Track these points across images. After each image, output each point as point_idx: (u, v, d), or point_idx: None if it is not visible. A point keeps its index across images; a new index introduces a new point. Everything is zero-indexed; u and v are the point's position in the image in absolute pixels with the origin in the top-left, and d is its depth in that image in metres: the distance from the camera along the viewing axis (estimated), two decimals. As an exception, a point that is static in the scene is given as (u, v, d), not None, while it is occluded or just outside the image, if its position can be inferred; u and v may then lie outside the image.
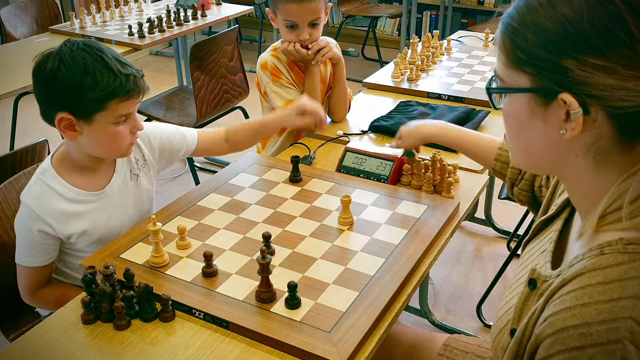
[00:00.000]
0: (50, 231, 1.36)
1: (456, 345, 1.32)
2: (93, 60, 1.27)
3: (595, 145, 0.76)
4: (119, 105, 1.30)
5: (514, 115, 0.82)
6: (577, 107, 0.73)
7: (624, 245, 0.72)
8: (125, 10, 3.47)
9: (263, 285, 1.13)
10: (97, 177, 1.44)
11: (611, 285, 0.70)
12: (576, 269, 0.75)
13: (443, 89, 2.12)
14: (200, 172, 3.40)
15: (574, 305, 0.71)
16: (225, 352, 1.05)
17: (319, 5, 1.75)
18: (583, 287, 0.72)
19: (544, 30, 0.74)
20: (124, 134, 1.35)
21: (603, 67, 0.70)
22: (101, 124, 1.31)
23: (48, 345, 1.07)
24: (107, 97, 1.28)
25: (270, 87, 1.85)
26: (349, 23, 5.40)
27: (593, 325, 0.69)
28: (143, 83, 1.34)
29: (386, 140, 1.78)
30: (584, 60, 0.71)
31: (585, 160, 0.78)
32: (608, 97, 0.71)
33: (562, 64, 0.72)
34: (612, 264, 0.72)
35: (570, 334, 0.70)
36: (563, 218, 0.95)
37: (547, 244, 0.94)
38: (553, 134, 0.78)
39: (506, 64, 0.80)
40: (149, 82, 1.41)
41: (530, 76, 0.76)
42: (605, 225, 0.77)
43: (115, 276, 1.14)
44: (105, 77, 1.27)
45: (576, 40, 0.71)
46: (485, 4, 5.09)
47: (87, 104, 1.28)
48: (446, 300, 2.43)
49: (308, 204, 1.46)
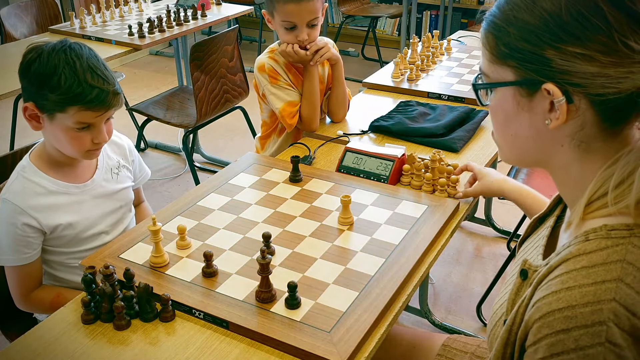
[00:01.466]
0: (34, 224, 1.37)
1: (455, 345, 1.32)
2: (65, 63, 1.30)
3: (580, 133, 0.78)
4: (78, 112, 1.32)
5: (500, 109, 0.84)
6: (560, 95, 0.75)
7: (607, 231, 0.74)
8: (125, 10, 3.47)
9: (263, 285, 1.13)
10: (78, 171, 1.47)
11: (595, 269, 0.72)
12: (562, 255, 0.76)
13: (443, 89, 2.12)
14: (200, 172, 3.40)
15: (559, 289, 0.73)
16: (225, 352, 1.05)
17: (317, 4, 1.75)
18: (568, 272, 0.73)
19: (525, 23, 0.76)
20: (84, 141, 1.37)
21: (583, 55, 0.73)
22: (61, 124, 1.34)
23: (48, 345, 1.07)
24: (66, 102, 1.31)
25: (269, 90, 1.84)
26: (349, 23, 5.40)
27: (577, 307, 0.70)
28: (111, 99, 1.34)
29: (386, 140, 1.78)
30: (564, 50, 0.74)
31: (571, 149, 0.80)
32: (589, 84, 0.73)
33: (543, 55, 0.75)
34: (596, 249, 0.73)
35: (556, 317, 0.71)
36: (555, 215, 0.97)
37: (540, 240, 0.95)
38: (539, 125, 0.80)
39: (490, 60, 0.82)
40: (149, 82, 1.42)
41: (513, 69, 0.79)
42: (591, 213, 0.78)
43: (115, 276, 1.14)
44: (69, 82, 1.29)
45: (556, 30, 0.74)
46: (486, 4, 5.09)
47: (48, 102, 1.32)
48: (446, 300, 2.43)
49: (308, 204, 1.46)
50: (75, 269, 1.47)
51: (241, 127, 3.58)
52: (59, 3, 3.95)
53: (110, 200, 1.51)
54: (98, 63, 1.34)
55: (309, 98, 1.83)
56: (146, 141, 3.73)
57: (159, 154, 3.72)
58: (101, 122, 1.37)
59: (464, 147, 1.74)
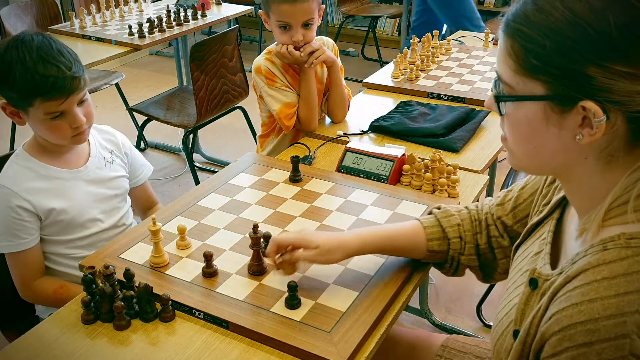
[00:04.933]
0: (29, 207, 1.38)
1: (455, 345, 1.32)
2: (17, 59, 1.30)
3: (609, 147, 0.75)
4: (42, 104, 1.33)
5: (525, 122, 0.79)
6: (601, 114, 0.71)
7: (626, 240, 0.73)
8: (125, 10, 3.46)
9: (254, 258, 1.20)
10: (70, 158, 1.48)
11: (617, 280, 0.70)
12: (580, 265, 0.75)
13: (443, 89, 2.12)
14: (200, 172, 3.40)
15: (581, 301, 0.71)
16: (225, 352, 1.05)
17: (312, 5, 1.74)
18: (589, 283, 0.72)
19: (565, 38, 0.71)
20: (62, 128, 1.38)
21: (629, 74, 0.69)
22: (35, 117, 1.36)
23: (48, 345, 1.07)
24: (26, 97, 1.32)
25: (266, 91, 1.84)
26: (349, 23, 5.40)
27: (600, 320, 0.69)
28: (70, 84, 1.32)
29: (386, 140, 1.78)
30: (610, 68, 0.70)
31: (594, 162, 0.78)
32: (630, 102, 0.70)
33: (584, 72, 0.71)
34: (616, 258, 0.72)
35: (578, 330, 0.70)
36: (555, 219, 0.95)
37: (541, 245, 0.94)
38: (567, 140, 0.76)
39: (516, 71, 0.77)
40: (149, 82, 1.43)
41: (545, 83, 0.74)
42: (607, 220, 0.77)
43: (115, 276, 1.14)
44: (22, 78, 1.29)
45: (603, 48, 0.70)
46: (485, 4, 5.09)
47: (14, 99, 1.34)
48: (446, 300, 2.43)
49: (308, 204, 1.46)
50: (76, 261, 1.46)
51: (241, 127, 3.58)
52: (59, 3, 3.95)
53: (104, 187, 1.52)
54: (51, 51, 1.32)
55: (306, 99, 1.83)
56: (146, 141, 3.73)
57: (159, 154, 3.72)
58: (72, 108, 1.36)
59: (464, 147, 1.74)
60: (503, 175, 2.33)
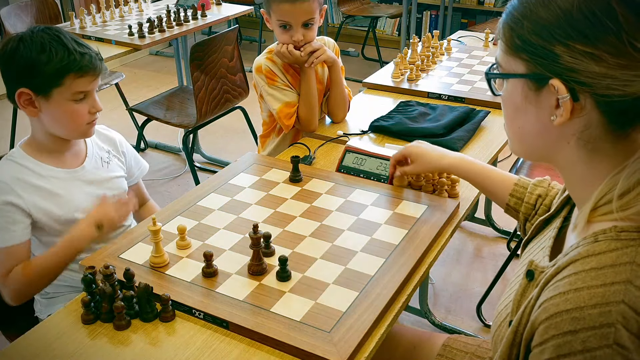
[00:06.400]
0: (19, 202, 1.37)
1: (456, 345, 1.32)
2: (50, 38, 1.36)
3: (585, 133, 0.78)
4: (74, 81, 1.36)
5: (510, 100, 0.85)
6: (565, 92, 0.76)
7: (617, 233, 0.74)
8: (125, 10, 3.47)
9: (254, 258, 1.20)
10: (67, 158, 1.49)
11: (604, 270, 0.71)
12: (570, 256, 0.76)
13: (443, 89, 2.12)
14: (200, 172, 3.40)
15: (567, 290, 0.72)
16: (225, 352, 1.05)
17: (313, 5, 1.74)
18: (577, 273, 0.73)
19: (540, 18, 0.77)
20: (82, 113, 1.41)
21: (591, 55, 0.73)
22: (59, 101, 1.37)
23: (48, 345, 1.07)
24: (62, 72, 1.35)
25: (266, 90, 1.84)
26: (349, 23, 5.39)
27: (586, 309, 0.70)
28: (99, 64, 1.42)
29: (386, 140, 1.78)
30: (573, 47, 0.74)
31: (577, 148, 0.80)
32: (595, 84, 0.73)
33: (553, 50, 0.75)
34: (605, 250, 0.73)
35: (564, 318, 0.71)
36: (562, 216, 0.96)
37: (546, 241, 0.95)
38: (545, 120, 0.80)
39: (505, 51, 0.83)
40: (149, 82, 1.44)
41: (525, 62, 0.80)
42: (599, 216, 0.78)
43: (115, 276, 1.14)
44: (60, 53, 1.35)
45: (566, 28, 0.74)
46: (485, 4, 5.09)
47: (43, 78, 1.35)
48: (446, 300, 2.43)
49: (308, 204, 1.46)
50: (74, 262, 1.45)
51: (241, 127, 3.59)
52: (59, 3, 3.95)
53: (102, 188, 1.52)
54: (74, 36, 1.41)
55: (306, 99, 1.83)
56: (146, 141, 3.73)
57: (159, 154, 3.72)
58: (94, 90, 1.43)
59: (464, 147, 1.74)
60: (503, 175, 2.33)
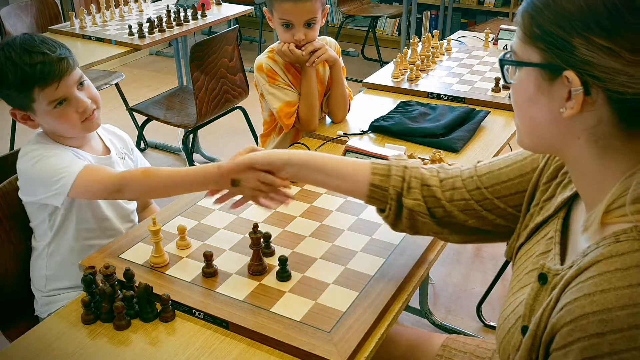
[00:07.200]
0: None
1: (455, 345, 1.32)
2: (4, 59, 1.32)
3: (596, 128, 0.77)
4: (41, 92, 1.33)
5: (522, 88, 0.84)
6: (578, 84, 0.75)
7: (638, 232, 0.73)
8: (125, 10, 3.46)
9: (254, 258, 1.20)
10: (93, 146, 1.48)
11: (629, 271, 0.70)
12: (592, 257, 0.75)
13: (443, 89, 2.12)
14: (200, 172, 3.39)
15: (593, 292, 0.71)
16: (225, 352, 1.05)
17: (315, 5, 1.74)
18: (601, 274, 0.72)
19: (561, 9, 0.76)
20: (70, 115, 1.37)
21: (609, 49, 0.72)
22: (42, 111, 1.36)
23: (48, 345, 1.07)
24: (24, 90, 1.32)
25: (267, 89, 1.84)
26: (349, 23, 5.39)
27: (613, 311, 0.69)
28: (58, 66, 1.33)
29: (386, 140, 1.78)
30: (592, 40, 0.73)
31: (588, 144, 0.79)
32: (609, 79, 0.73)
33: (571, 42, 0.74)
34: (629, 250, 0.72)
35: (590, 320, 0.70)
36: (561, 217, 0.95)
37: (547, 244, 0.93)
38: (556, 112, 0.80)
39: (521, 39, 0.82)
40: (149, 82, 1.42)
41: (541, 51, 0.79)
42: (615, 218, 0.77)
43: (115, 276, 1.14)
44: (12, 73, 1.31)
45: (588, 20, 0.73)
46: (485, 4, 5.09)
47: (13, 98, 1.34)
48: (446, 300, 2.43)
49: (308, 204, 1.46)
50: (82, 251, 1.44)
51: (241, 127, 3.58)
52: (59, 3, 3.95)
53: None
54: (33, 42, 1.34)
55: (307, 99, 1.83)
56: (146, 141, 3.73)
57: (159, 154, 3.72)
58: (71, 92, 1.36)
59: (464, 147, 1.74)
60: (503, 175, 2.32)
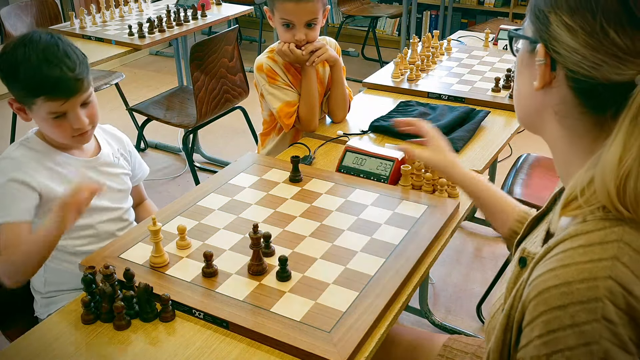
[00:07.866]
0: (30, 182, 1.34)
1: (456, 345, 1.32)
2: (22, 56, 1.30)
3: (560, 107, 0.80)
4: (45, 103, 1.32)
5: (517, 60, 0.89)
6: (542, 56, 0.79)
7: (605, 213, 0.74)
8: (125, 10, 3.46)
9: (254, 258, 1.20)
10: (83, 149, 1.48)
11: (592, 247, 0.72)
12: (560, 236, 0.77)
13: (443, 89, 2.12)
14: (200, 172, 3.40)
15: (556, 266, 0.73)
16: (225, 352, 1.05)
17: (317, 5, 1.75)
18: (565, 251, 0.74)
19: None
20: (64, 128, 1.37)
21: (570, 27, 0.75)
22: (38, 114, 1.36)
23: (48, 345, 1.07)
24: (29, 94, 1.33)
25: (267, 89, 1.84)
26: (349, 23, 5.40)
27: (574, 284, 0.70)
28: (73, 85, 1.32)
29: (386, 140, 1.78)
30: (560, 17, 0.76)
31: (557, 122, 0.83)
32: (567, 57, 0.76)
33: (548, 17, 0.78)
34: (593, 229, 0.74)
35: (552, 293, 0.72)
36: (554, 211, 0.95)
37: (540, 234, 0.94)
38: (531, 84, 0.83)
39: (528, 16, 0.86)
40: (149, 82, 1.42)
41: (531, 25, 0.83)
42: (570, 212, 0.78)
43: (115, 276, 1.14)
44: (24, 74, 1.30)
45: None
46: (485, 4, 5.09)
47: (18, 95, 1.34)
48: (446, 300, 2.43)
49: (308, 204, 1.46)
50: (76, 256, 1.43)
51: (241, 127, 3.59)
52: (59, 3, 3.95)
53: (111, 181, 1.52)
54: (57, 52, 1.32)
55: (307, 99, 1.83)
56: (146, 141, 3.73)
57: (159, 154, 3.72)
58: (74, 109, 1.35)
59: (464, 147, 1.74)
60: (503, 176, 2.33)
